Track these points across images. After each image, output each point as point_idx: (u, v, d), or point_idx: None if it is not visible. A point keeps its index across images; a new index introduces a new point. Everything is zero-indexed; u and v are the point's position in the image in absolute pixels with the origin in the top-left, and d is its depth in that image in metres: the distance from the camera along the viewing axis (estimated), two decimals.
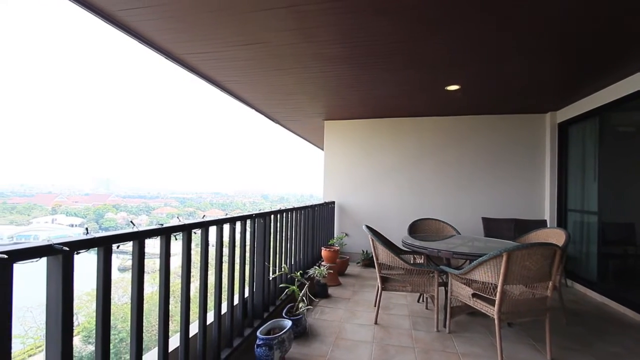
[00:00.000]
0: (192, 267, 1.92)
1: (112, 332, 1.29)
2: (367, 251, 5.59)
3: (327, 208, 5.39)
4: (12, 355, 1.03)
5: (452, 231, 4.22)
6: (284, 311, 2.92)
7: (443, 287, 3.31)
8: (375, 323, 3.17)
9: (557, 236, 3.29)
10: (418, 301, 3.79)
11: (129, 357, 1.53)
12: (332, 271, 4.28)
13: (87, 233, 1.27)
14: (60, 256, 1.14)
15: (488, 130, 5.37)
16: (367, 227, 3.30)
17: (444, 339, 2.85)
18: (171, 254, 1.74)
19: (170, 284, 1.76)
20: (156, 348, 1.76)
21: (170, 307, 1.76)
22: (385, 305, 3.67)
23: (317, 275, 3.75)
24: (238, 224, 2.46)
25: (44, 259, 1.12)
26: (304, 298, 3.01)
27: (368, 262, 5.48)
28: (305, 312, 2.98)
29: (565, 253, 3.19)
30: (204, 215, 2.14)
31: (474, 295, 2.70)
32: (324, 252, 4.67)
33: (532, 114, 5.23)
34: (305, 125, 6.54)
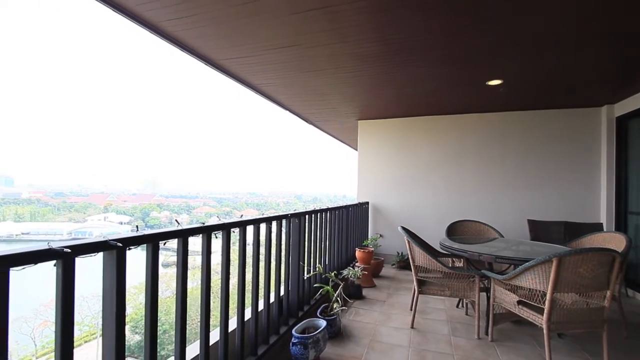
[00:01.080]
0: (230, 264, 1.99)
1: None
2: (402, 253, 5.47)
3: (360, 208, 5.34)
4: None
5: (494, 234, 4.01)
6: (318, 311, 2.93)
7: (485, 293, 3.15)
8: (412, 327, 3.09)
9: (616, 241, 3.00)
10: (457, 306, 3.64)
11: (171, 347, 1.61)
12: (366, 272, 4.23)
13: (137, 230, 1.35)
14: (115, 251, 1.23)
15: (534, 126, 5.02)
16: (403, 228, 3.23)
17: (486, 348, 2.71)
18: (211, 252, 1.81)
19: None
20: (198, 341, 1.84)
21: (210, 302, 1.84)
22: (422, 309, 3.56)
23: (351, 276, 3.73)
24: (274, 224, 2.51)
25: (100, 254, 1.21)
26: (339, 299, 3.01)
27: (403, 264, 5.36)
28: (339, 312, 2.98)
29: (625, 260, 2.91)
30: (242, 215, 2.20)
31: (519, 302, 2.54)
32: (358, 253, 4.63)
33: (586, 107, 4.82)
34: (339, 126, 6.53)
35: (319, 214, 3.48)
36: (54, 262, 1.06)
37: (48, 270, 1.06)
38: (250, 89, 4.20)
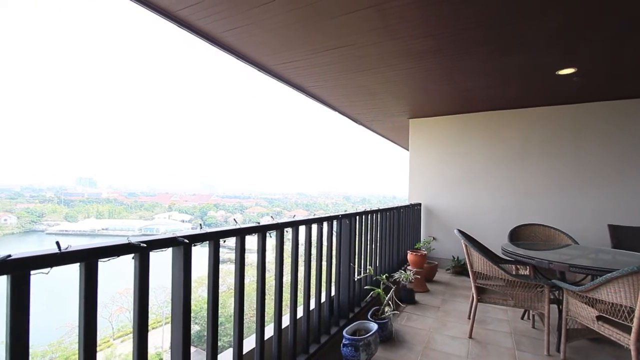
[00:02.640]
0: (283, 263, 2.04)
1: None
2: (458, 257, 5.17)
3: (412, 210, 5.17)
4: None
5: (566, 240, 3.61)
6: (369, 314, 2.89)
7: (555, 305, 2.84)
8: (470, 337, 2.90)
9: None
10: (522, 318, 3.34)
11: (226, 339, 1.69)
12: (419, 276, 4.07)
13: (201, 228, 1.45)
14: (182, 247, 1.33)
15: (615, 118, 4.42)
16: (459, 231, 3.05)
17: None
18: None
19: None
20: (254, 334, 1.92)
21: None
22: (482, 318, 3.33)
23: (403, 280, 3.62)
24: (325, 224, 2.53)
25: (169, 249, 1.33)
26: (390, 302, 2.94)
27: (460, 269, 5.06)
28: (391, 316, 2.90)
29: None
30: (294, 215, 2.26)
31: (599, 318, 2.25)
32: (410, 256, 4.48)
33: None
34: (389, 125, 6.39)
35: (369, 215, 3.43)
36: (132, 255, 1.18)
37: (118, 262, 1.17)
38: (301, 92, 4.29)
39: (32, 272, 0.90)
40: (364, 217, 3.28)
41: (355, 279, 3.07)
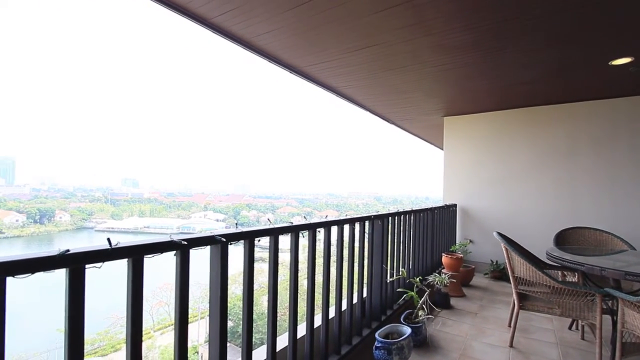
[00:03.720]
0: (315, 263, 2.05)
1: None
2: (497, 262, 4.92)
3: (447, 211, 4.99)
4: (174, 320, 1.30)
5: (621, 245, 3.31)
6: (402, 317, 2.83)
7: (609, 316, 2.62)
8: (511, 346, 2.75)
9: None
10: (570, 328, 3.11)
11: (258, 336, 1.72)
12: (454, 280, 3.93)
13: (237, 227, 1.50)
14: (219, 245, 1.38)
15: None
16: (499, 234, 2.90)
17: None
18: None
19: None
20: (285, 333, 1.95)
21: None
22: (523, 327, 3.14)
23: (437, 283, 3.50)
24: (357, 225, 2.51)
25: (208, 247, 1.38)
26: (424, 306, 2.85)
27: (499, 274, 4.81)
28: (425, 321, 2.82)
29: None
30: (327, 216, 2.26)
31: None
32: (445, 259, 4.33)
33: None
34: (422, 124, 6.22)
35: (402, 216, 3.36)
36: (174, 252, 1.24)
37: (157, 259, 1.23)
38: (332, 92, 4.30)
39: (86, 266, 0.97)
40: (396, 218, 3.22)
41: (388, 281, 3.01)
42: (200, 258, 1.44)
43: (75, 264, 0.95)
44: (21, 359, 12.71)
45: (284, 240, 1.91)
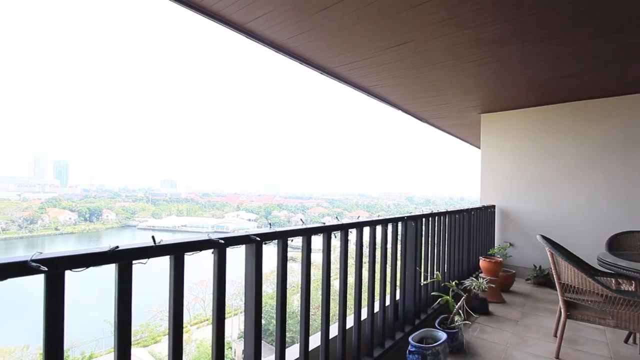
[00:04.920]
0: (347, 264, 2.04)
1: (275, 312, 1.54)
2: (541, 267, 4.62)
3: (485, 213, 4.76)
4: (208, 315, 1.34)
5: None
6: (437, 322, 2.73)
7: None
8: (557, 357, 2.56)
9: None
10: (626, 341, 2.85)
11: (289, 334, 1.73)
12: (493, 285, 3.74)
13: (270, 227, 1.52)
14: (254, 244, 1.41)
15: None
16: (543, 237, 2.72)
17: None
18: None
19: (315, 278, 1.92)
20: (317, 333, 1.95)
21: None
22: (571, 337, 2.93)
23: (475, 288, 3.35)
24: (389, 226, 2.47)
25: (242, 246, 1.41)
26: (461, 311, 2.74)
27: (542, 280, 4.52)
28: (462, 327, 2.71)
29: None
30: (359, 216, 2.24)
31: None
32: (483, 263, 4.13)
33: None
34: (457, 121, 5.99)
35: (436, 217, 3.25)
36: (211, 250, 1.28)
37: (194, 256, 1.27)
38: (363, 91, 4.26)
39: (133, 261, 1.04)
40: (430, 219, 3.13)
41: (422, 284, 2.93)
42: (230, 257, 1.47)
43: (123, 260, 1.01)
44: (74, 345, 13.80)
45: (314, 241, 1.91)
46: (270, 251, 1.55)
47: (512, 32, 2.67)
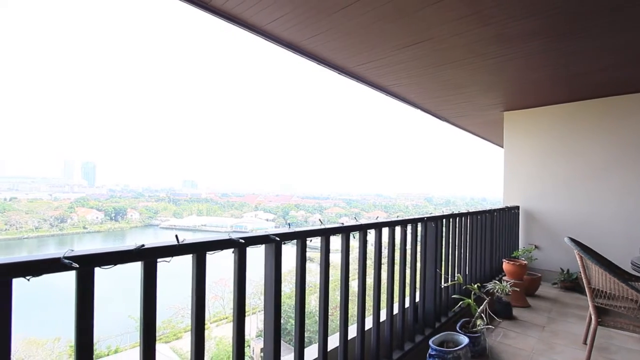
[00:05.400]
0: (366, 264, 2.02)
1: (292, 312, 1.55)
2: (569, 270, 4.43)
3: (509, 214, 4.61)
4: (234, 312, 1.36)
5: None
6: (458, 325, 2.67)
7: None
8: None
9: None
10: None
11: (306, 334, 1.73)
12: (517, 289, 3.61)
13: (289, 227, 1.53)
14: (274, 244, 1.42)
15: None
16: (571, 239, 2.61)
17: None
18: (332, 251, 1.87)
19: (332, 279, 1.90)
20: (335, 334, 1.95)
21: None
22: (603, 345, 2.79)
23: (497, 291, 3.25)
24: (409, 227, 2.44)
25: (259, 246, 1.43)
26: (483, 315, 2.67)
27: (570, 284, 4.33)
28: (484, 331, 2.63)
29: None
30: (377, 217, 2.22)
31: None
32: (506, 265, 4.00)
33: None
34: (479, 120, 5.83)
35: (457, 218, 3.18)
36: (232, 249, 1.30)
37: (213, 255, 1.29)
38: (381, 91, 4.22)
39: (158, 260, 1.07)
40: (451, 220, 3.06)
41: (442, 286, 2.87)
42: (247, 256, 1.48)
43: (149, 258, 1.04)
44: (100, 339, 14.37)
45: (332, 241, 1.91)
46: (287, 251, 1.56)
47: (537, 26, 2.57)
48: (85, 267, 0.91)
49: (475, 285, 2.94)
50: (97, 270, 0.96)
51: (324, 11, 2.42)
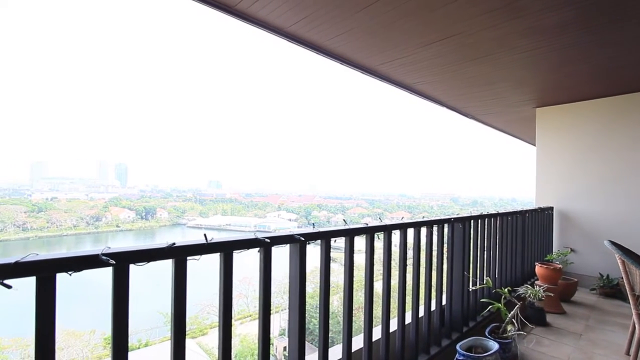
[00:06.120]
0: (391, 265, 1.99)
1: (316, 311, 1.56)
2: (608, 276, 4.16)
3: (542, 215, 4.40)
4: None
5: None
6: (487, 330, 2.57)
7: None
8: None
9: None
10: None
11: (329, 335, 1.72)
12: (551, 294, 3.44)
13: (314, 227, 1.53)
14: (298, 244, 1.43)
15: None
16: (612, 242, 2.45)
17: None
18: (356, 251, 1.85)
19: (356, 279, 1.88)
20: (361, 334, 1.93)
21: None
22: None
23: (530, 296, 3.11)
24: (435, 228, 2.38)
25: (287, 245, 1.44)
26: (514, 320, 2.56)
27: (610, 290, 4.06)
28: (515, 337, 2.52)
29: None
30: (402, 217, 2.19)
31: None
32: (539, 269, 3.82)
33: None
34: (508, 117, 5.61)
35: (485, 220, 3.07)
36: (257, 248, 1.32)
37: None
38: (405, 89, 4.15)
39: (188, 257, 1.10)
40: (479, 221, 2.96)
41: (470, 290, 2.78)
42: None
43: (179, 255, 1.08)
44: (131, 333, 15.02)
45: (356, 242, 1.89)
46: (310, 251, 1.57)
47: (573, 18, 2.44)
48: (121, 263, 0.96)
49: (506, 290, 2.82)
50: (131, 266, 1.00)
51: (347, 11, 2.41)
